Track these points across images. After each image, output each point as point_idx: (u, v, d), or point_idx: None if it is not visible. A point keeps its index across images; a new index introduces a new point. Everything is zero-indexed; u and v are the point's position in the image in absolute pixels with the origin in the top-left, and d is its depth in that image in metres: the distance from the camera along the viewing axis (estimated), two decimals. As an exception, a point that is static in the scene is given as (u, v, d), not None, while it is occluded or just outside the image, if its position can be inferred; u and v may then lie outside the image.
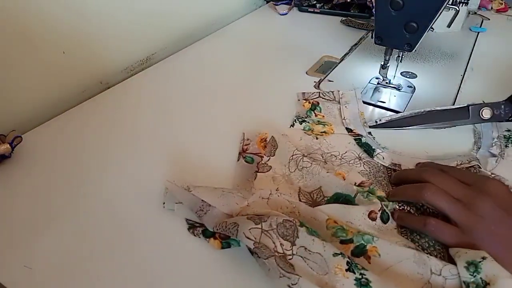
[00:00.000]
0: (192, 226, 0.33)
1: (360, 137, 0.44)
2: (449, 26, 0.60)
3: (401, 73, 0.58)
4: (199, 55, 0.67)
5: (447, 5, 0.44)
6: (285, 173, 0.39)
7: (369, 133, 0.46)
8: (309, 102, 0.50)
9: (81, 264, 0.31)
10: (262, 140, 0.42)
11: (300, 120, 0.47)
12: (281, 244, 0.29)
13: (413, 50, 0.48)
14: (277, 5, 0.87)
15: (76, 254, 0.32)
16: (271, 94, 0.54)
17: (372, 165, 0.40)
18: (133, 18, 0.62)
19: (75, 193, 0.38)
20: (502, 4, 0.83)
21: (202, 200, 0.33)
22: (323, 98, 0.51)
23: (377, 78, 0.56)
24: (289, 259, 0.28)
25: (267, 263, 0.27)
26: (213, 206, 0.33)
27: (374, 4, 0.48)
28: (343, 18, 0.81)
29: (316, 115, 0.49)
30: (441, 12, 0.44)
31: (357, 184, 0.37)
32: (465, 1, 0.65)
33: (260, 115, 0.49)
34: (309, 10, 0.86)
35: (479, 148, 0.42)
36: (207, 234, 0.32)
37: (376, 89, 0.55)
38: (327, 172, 0.37)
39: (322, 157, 0.41)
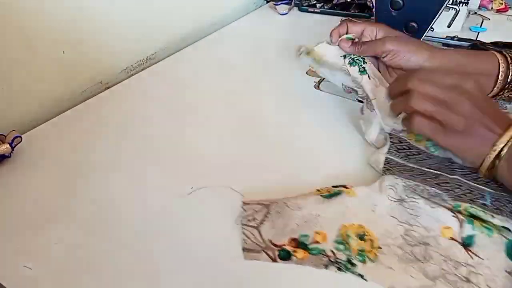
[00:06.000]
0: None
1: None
2: (449, 26, 0.60)
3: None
4: (199, 55, 0.67)
5: (447, 5, 0.44)
6: None
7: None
8: None
9: (81, 265, 0.31)
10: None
11: None
12: None
13: (413, 50, 0.48)
14: (277, 5, 0.87)
15: (76, 255, 0.32)
16: (271, 94, 0.54)
17: None
18: (133, 18, 0.62)
19: (75, 193, 0.38)
20: (502, 4, 0.83)
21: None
22: None
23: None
24: None
25: None
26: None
27: (374, 4, 0.48)
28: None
29: None
30: (441, 12, 0.44)
31: None
32: (465, 1, 0.65)
33: (260, 115, 0.49)
34: (309, 10, 0.86)
35: None
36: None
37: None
38: None
39: None
